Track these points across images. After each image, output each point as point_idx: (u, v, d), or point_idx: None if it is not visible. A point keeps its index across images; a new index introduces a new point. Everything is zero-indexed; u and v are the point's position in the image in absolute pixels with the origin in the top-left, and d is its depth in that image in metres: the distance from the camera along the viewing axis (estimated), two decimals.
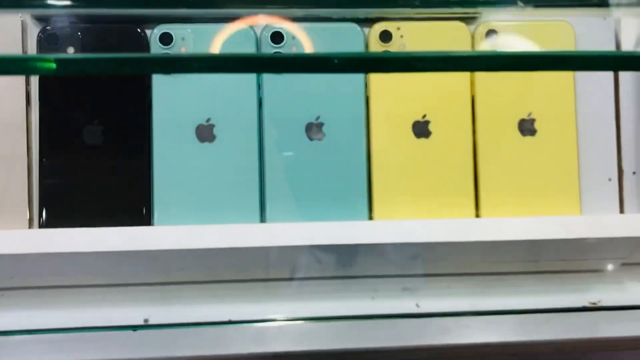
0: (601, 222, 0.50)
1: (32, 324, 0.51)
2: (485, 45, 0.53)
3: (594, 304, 0.55)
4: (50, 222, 0.49)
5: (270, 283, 0.53)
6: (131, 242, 0.48)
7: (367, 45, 0.52)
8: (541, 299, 0.55)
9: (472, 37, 0.53)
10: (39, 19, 0.51)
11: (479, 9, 0.53)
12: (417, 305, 0.54)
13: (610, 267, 0.55)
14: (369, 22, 0.53)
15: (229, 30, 0.52)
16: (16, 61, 0.30)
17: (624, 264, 0.55)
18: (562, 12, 0.53)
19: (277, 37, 0.52)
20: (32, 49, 0.51)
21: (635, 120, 0.55)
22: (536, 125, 0.53)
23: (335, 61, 0.30)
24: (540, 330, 0.54)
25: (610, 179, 0.54)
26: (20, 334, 0.51)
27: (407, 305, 0.54)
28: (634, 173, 0.55)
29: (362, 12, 0.53)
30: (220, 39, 0.51)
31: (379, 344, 0.53)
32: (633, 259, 0.55)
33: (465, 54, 0.33)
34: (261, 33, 0.52)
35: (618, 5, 0.46)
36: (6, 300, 0.52)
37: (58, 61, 0.30)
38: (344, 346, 0.52)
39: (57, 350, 0.51)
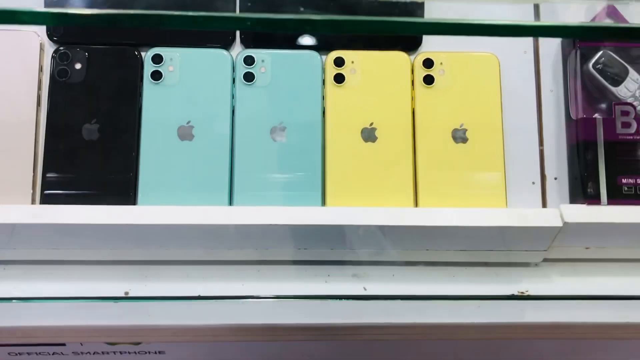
0: (520, 213, 0.58)
1: (30, 293, 0.59)
2: (421, 71, 0.63)
3: (522, 293, 0.62)
4: (49, 201, 0.58)
5: (237, 265, 0.61)
6: (117, 217, 0.56)
7: (324, 69, 0.62)
8: (477, 287, 0.62)
9: (412, 64, 0.63)
10: (53, 40, 0.62)
11: None
12: (365, 289, 0.61)
13: (537, 261, 0.62)
14: (325, 50, 0.63)
15: (209, 52, 0.62)
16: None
17: (548, 260, 0.62)
18: None
19: (248, 59, 0.62)
20: (47, 65, 0.61)
21: (556, 132, 0.63)
22: (467, 134, 0.62)
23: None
24: (474, 315, 0.60)
25: (534, 183, 0.63)
26: (19, 301, 0.58)
27: (355, 288, 0.61)
28: (555, 178, 0.63)
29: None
30: (201, 59, 0.62)
31: (331, 320, 0.59)
32: (555, 255, 0.62)
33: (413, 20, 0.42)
34: (236, 57, 0.62)
35: None
36: (7, 272, 0.60)
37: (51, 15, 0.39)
38: (300, 322, 0.59)
39: (51, 316, 0.58)
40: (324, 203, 0.60)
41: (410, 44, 0.64)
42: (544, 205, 0.63)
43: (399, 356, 0.67)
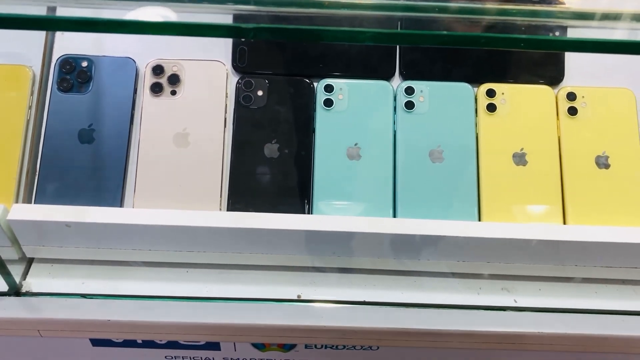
0: None
1: (214, 293, 0.63)
2: (565, 104, 0.67)
3: None
4: (235, 208, 0.63)
5: (396, 275, 0.64)
6: (294, 224, 0.60)
7: (476, 99, 0.67)
8: (619, 303, 0.64)
9: (556, 97, 0.67)
10: (237, 70, 0.68)
11: None
12: (515, 301, 0.64)
13: None
14: (476, 82, 0.68)
15: (373, 83, 0.67)
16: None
17: None
18: None
19: (409, 89, 0.67)
20: (231, 92, 0.67)
21: None
22: (609, 160, 0.65)
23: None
24: (620, 328, 0.63)
25: None
26: (203, 301, 0.63)
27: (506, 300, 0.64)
28: None
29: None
30: (366, 89, 0.67)
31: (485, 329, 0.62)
32: None
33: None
34: (397, 88, 0.67)
35: None
36: (190, 275, 0.64)
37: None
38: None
39: (239, 316, 0.63)
40: (480, 220, 0.64)
41: (553, 78, 0.68)
42: None
43: None
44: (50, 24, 0.58)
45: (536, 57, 0.69)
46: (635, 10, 0.54)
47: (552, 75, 0.69)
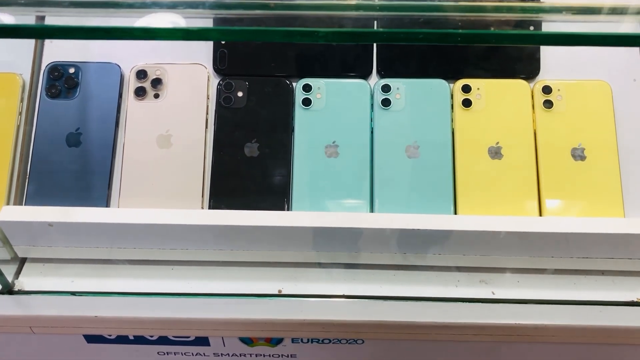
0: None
1: (198, 290, 0.64)
2: (541, 97, 0.66)
3: None
4: (217, 207, 0.64)
5: (377, 270, 0.64)
6: (272, 222, 0.60)
7: (452, 95, 0.67)
8: (597, 294, 0.63)
9: (532, 91, 0.67)
10: (218, 72, 0.68)
11: None
12: (493, 293, 0.63)
13: None
14: (452, 79, 0.68)
15: (351, 82, 0.68)
16: None
17: None
18: None
19: (386, 87, 0.67)
20: (213, 93, 0.68)
21: None
22: (585, 152, 0.64)
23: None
24: (598, 318, 0.62)
25: None
26: (187, 297, 0.63)
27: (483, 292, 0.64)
28: None
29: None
30: (344, 87, 0.67)
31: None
32: None
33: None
34: (374, 85, 0.67)
35: None
36: (175, 272, 0.65)
37: None
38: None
39: (217, 311, 0.63)
40: (455, 213, 0.63)
41: (529, 72, 0.68)
42: None
43: (524, 358, 0.68)
44: (40, 32, 0.59)
45: (512, 52, 0.68)
46: (611, 4, 0.54)
47: (529, 69, 0.68)
